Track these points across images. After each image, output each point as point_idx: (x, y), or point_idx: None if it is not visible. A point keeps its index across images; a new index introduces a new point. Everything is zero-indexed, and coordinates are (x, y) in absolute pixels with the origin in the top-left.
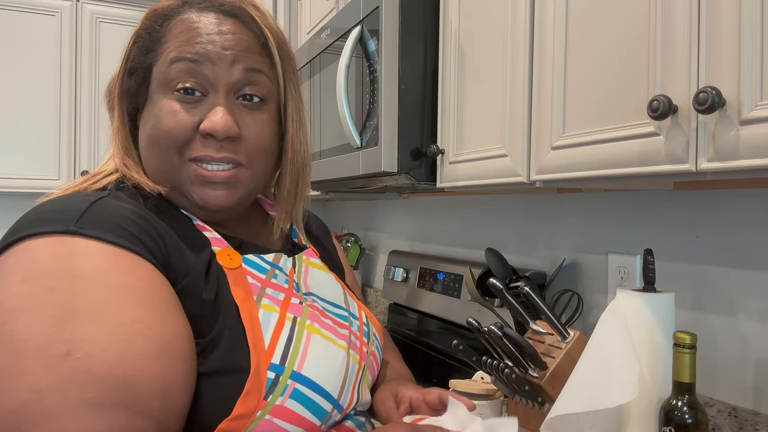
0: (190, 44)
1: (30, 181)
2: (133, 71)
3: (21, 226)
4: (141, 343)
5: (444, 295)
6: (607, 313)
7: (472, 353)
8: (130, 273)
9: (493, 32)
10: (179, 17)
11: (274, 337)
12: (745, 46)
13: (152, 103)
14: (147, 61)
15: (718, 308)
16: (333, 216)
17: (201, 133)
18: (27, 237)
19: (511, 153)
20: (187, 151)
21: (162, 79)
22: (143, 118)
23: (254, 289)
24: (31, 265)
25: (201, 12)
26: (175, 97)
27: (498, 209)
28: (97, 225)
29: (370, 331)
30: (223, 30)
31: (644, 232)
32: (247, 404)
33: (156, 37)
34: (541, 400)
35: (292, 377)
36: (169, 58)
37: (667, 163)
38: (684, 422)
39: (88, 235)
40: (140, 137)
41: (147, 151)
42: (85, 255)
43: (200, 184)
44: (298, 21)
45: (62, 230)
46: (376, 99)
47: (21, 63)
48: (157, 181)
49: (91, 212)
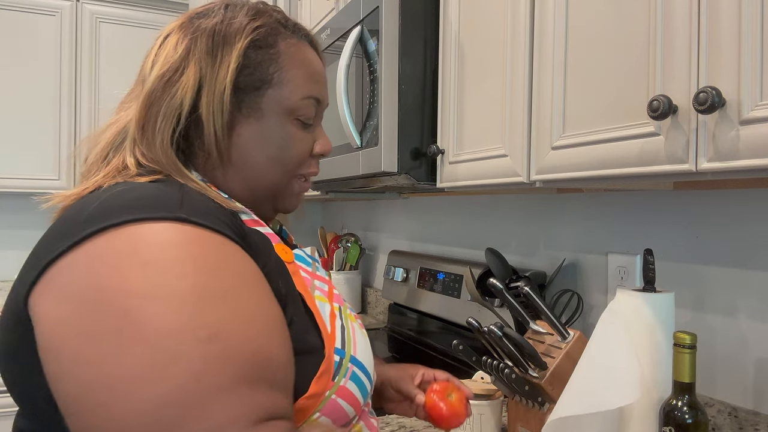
0: (314, 83)
1: (30, 181)
2: (243, 87)
3: (111, 211)
4: (268, 324)
5: (444, 295)
6: (607, 313)
7: (472, 353)
8: (240, 260)
9: (493, 32)
10: (286, 42)
11: (332, 324)
12: (745, 46)
13: (267, 122)
14: (258, 80)
15: (718, 308)
16: (333, 216)
17: (315, 155)
18: (130, 222)
19: (511, 153)
20: (300, 170)
21: (288, 106)
22: (246, 134)
23: (308, 282)
24: (148, 250)
25: (301, 41)
26: (296, 124)
27: (498, 209)
28: (198, 212)
29: None
30: (321, 68)
31: (644, 232)
32: (320, 384)
33: (268, 57)
34: (541, 400)
35: (351, 361)
36: (301, 94)
37: (667, 163)
38: (684, 422)
39: (195, 222)
40: (244, 149)
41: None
42: (201, 242)
43: (297, 196)
44: (298, 21)
45: (171, 216)
46: (376, 99)
47: (21, 63)
48: (253, 190)
49: (188, 199)
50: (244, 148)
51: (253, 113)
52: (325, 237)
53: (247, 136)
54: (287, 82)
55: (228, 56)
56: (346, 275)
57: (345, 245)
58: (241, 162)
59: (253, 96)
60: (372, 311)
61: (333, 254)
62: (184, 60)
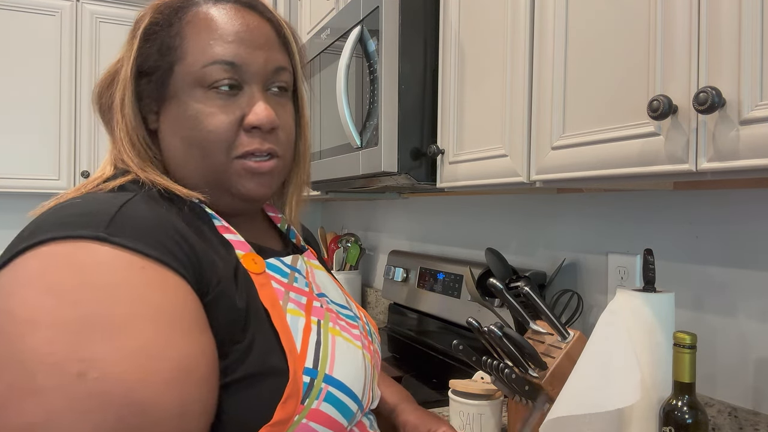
0: (221, 44)
1: (30, 181)
2: (148, 71)
3: (42, 227)
4: (158, 366)
5: (444, 295)
6: (607, 314)
7: (472, 353)
8: (156, 287)
9: (493, 32)
10: (195, 10)
11: (304, 341)
12: (745, 46)
13: (179, 103)
14: (166, 60)
15: (718, 308)
16: (333, 216)
17: (245, 127)
18: (51, 240)
19: (511, 153)
20: (233, 149)
21: (193, 79)
22: (167, 120)
23: (279, 294)
24: (55, 274)
25: (218, 3)
26: (211, 96)
27: (498, 209)
28: (127, 232)
29: (371, 330)
30: (249, 25)
31: (644, 232)
32: (286, 409)
33: (172, 33)
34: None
35: (325, 380)
36: (202, 60)
37: (667, 163)
38: (684, 422)
39: (117, 244)
40: (166, 140)
41: (183, 154)
42: (112, 266)
43: (249, 177)
44: (298, 21)
45: (91, 236)
46: (376, 99)
47: (21, 63)
48: (193, 182)
49: (121, 216)
50: (167, 137)
51: (168, 98)
52: (325, 237)
53: (167, 123)
54: (188, 53)
55: (134, 42)
56: (346, 275)
57: (345, 245)
58: (170, 152)
59: (162, 79)
60: (372, 311)
61: (333, 254)
62: (119, 60)
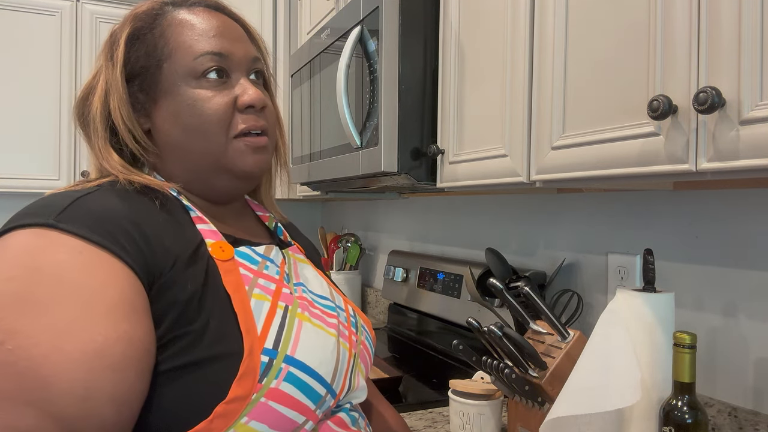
0: (206, 39)
1: (30, 181)
2: (135, 74)
3: (12, 219)
4: (68, 345)
5: (444, 295)
6: (607, 313)
7: (472, 353)
8: (89, 271)
9: (493, 32)
10: (171, 15)
11: (266, 323)
12: (745, 46)
13: (174, 95)
14: (153, 60)
15: (718, 308)
16: (333, 216)
17: (239, 107)
18: (14, 228)
19: (511, 153)
20: (231, 128)
21: (185, 71)
22: (161, 115)
23: (246, 280)
24: (5, 253)
25: (192, 8)
26: (203, 84)
27: (498, 209)
28: (75, 219)
29: (357, 323)
30: (220, 23)
31: (644, 232)
32: (242, 386)
33: (156, 35)
34: (541, 400)
35: (285, 361)
36: (191, 54)
37: (667, 163)
38: (684, 422)
39: (62, 229)
40: (163, 134)
41: (183, 141)
42: (52, 249)
43: (249, 152)
44: (298, 21)
45: (41, 223)
46: (376, 99)
47: (21, 63)
48: (188, 172)
49: (74, 207)
50: (164, 131)
51: (160, 96)
52: (325, 237)
53: (162, 118)
54: (176, 50)
55: (117, 53)
56: (346, 275)
57: (345, 245)
58: (168, 146)
59: (152, 80)
60: (372, 311)
61: (333, 254)
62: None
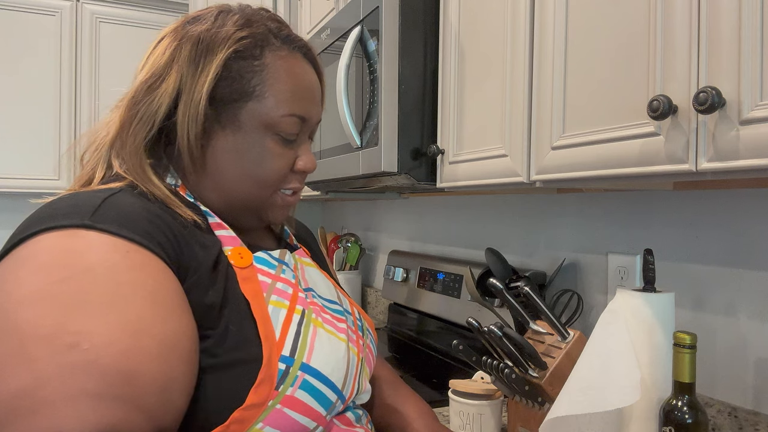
0: (297, 100)
1: (30, 181)
2: (215, 94)
3: (34, 222)
4: (145, 341)
5: (444, 295)
6: (607, 313)
7: (472, 353)
8: (141, 269)
9: (493, 32)
10: (274, 53)
11: (284, 330)
12: (745, 46)
13: (244, 136)
14: (240, 93)
15: (718, 308)
16: (333, 216)
17: (296, 170)
18: (41, 231)
19: (511, 153)
20: (281, 184)
21: (267, 121)
22: (222, 144)
23: (264, 286)
24: (44, 256)
25: (293, 52)
26: (277, 140)
27: (498, 209)
28: (111, 219)
29: (363, 326)
30: (312, 83)
31: (644, 232)
32: (259, 394)
33: (253, 69)
34: (541, 400)
35: (301, 368)
36: (281, 110)
37: (667, 163)
38: (684, 422)
39: (102, 230)
40: (218, 160)
41: (234, 179)
42: (98, 249)
43: (284, 208)
44: (298, 21)
45: (77, 224)
46: (376, 99)
47: (21, 63)
48: (228, 200)
49: (105, 206)
50: (219, 160)
51: (230, 125)
52: (325, 237)
53: (222, 148)
54: (269, 97)
55: (209, 65)
56: (346, 275)
57: (345, 245)
58: (216, 173)
59: (231, 108)
60: (372, 311)
61: (333, 254)
62: (168, 66)
